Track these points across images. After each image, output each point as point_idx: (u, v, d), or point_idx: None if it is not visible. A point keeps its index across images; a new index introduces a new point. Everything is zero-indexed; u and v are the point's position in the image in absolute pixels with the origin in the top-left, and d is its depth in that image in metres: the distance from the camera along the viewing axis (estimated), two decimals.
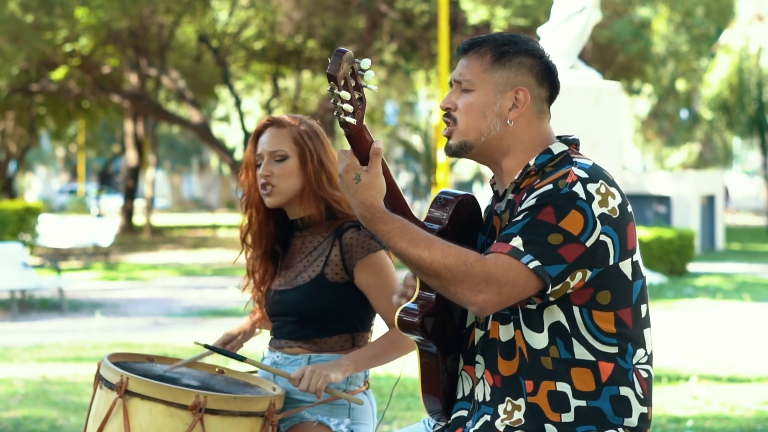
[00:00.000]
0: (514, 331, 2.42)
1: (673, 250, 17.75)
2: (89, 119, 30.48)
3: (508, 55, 2.47)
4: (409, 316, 2.49)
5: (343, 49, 2.38)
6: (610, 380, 2.39)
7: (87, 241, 21.80)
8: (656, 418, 6.63)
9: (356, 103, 2.39)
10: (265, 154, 3.19)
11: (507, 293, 2.32)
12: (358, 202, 2.40)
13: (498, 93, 2.46)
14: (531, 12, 19.79)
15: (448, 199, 2.54)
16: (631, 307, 2.41)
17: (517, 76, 2.46)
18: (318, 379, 2.97)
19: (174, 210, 51.56)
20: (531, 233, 2.32)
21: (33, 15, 19.57)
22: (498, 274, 2.31)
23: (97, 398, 2.95)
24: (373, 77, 2.42)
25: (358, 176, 2.40)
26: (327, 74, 2.35)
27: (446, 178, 16.18)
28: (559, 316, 2.38)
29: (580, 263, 2.33)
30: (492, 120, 2.46)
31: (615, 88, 11.74)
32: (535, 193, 2.37)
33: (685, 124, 36.21)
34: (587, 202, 2.33)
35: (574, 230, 2.32)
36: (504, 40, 2.50)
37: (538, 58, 2.49)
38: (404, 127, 41.24)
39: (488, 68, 2.47)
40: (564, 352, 2.38)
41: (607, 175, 2.40)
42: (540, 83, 2.48)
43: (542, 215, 2.33)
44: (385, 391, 7.05)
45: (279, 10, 23.40)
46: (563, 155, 2.46)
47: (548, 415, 2.39)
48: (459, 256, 2.32)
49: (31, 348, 10.22)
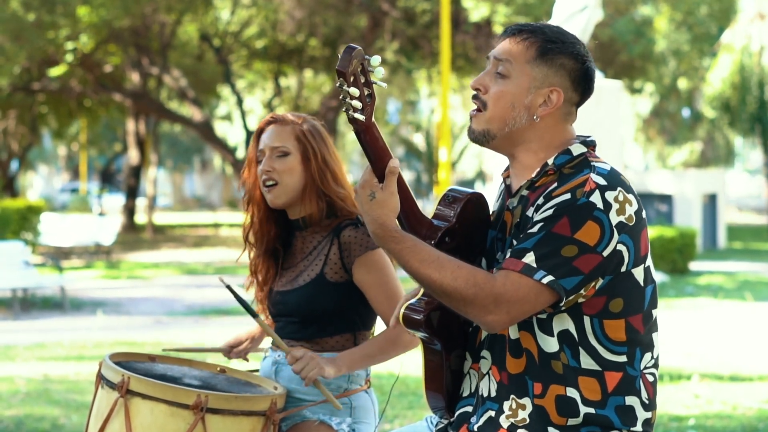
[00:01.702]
0: (519, 331, 2.42)
1: (675, 249, 17.74)
2: (91, 118, 30.48)
3: (552, 53, 2.44)
4: (414, 313, 2.49)
5: (353, 45, 2.37)
6: (616, 390, 2.38)
7: (89, 239, 21.81)
8: (658, 417, 6.63)
9: (365, 100, 2.38)
10: (267, 150, 3.18)
11: (517, 311, 2.32)
12: (371, 219, 2.41)
13: (533, 88, 2.44)
14: (532, 10, 19.76)
15: (457, 196, 2.53)
16: (643, 312, 2.41)
17: (556, 76, 2.44)
18: (313, 368, 2.97)
19: (176, 209, 51.56)
20: (545, 248, 2.31)
21: (34, 14, 19.56)
22: (508, 294, 2.31)
23: (98, 398, 2.95)
24: (383, 74, 2.41)
25: (373, 194, 2.41)
26: (336, 70, 2.34)
27: (448, 176, 16.17)
28: (568, 324, 2.38)
29: (596, 273, 2.32)
30: (519, 112, 2.44)
31: (616, 86, 11.74)
32: (552, 202, 2.35)
33: (687, 122, 36.17)
34: (604, 212, 2.32)
35: (590, 241, 2.31)
36: (553, 36, 2.46)
37: (580, 62, 2.46)
38: (406, 126, 41.26)
39: (531, 60, 2.44)
40: (571, 360, 2.38)
41: (624, 181, 2.39)
42: (575, 87, 2.47)
43: (557, 228, 2.32)
44: (387, 390, 7.05)
45: (281, 8, 23.38)
46: (582, 158, 2.44)
47: (553, 419, 2.39)
48: (468, 278, 2.32)
49: (32, 347, 10.23)
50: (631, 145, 43.10)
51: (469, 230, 2.52)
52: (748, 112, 28.88)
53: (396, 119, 41.20)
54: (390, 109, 40.09)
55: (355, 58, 2.35)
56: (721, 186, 23.89)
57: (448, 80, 16.98)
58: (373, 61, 2.39)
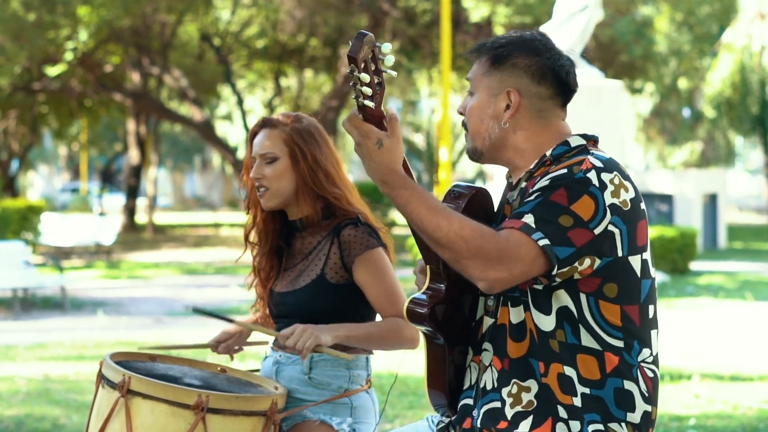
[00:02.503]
0: (524, 312, 2.42)
1: (675, 249, 17.74)
2: (91, 118, 30.49)
3: (501, 58, 2.47)
4: (418, 307, 2.49)
5: (365, 32, 2.35)
6: (615, 372, 2.39)
7: (89, 239, 21.82)
8: (658, 416, 6.62)
9: (375, 87, 2.37)
10: (257, 157, 3.20)
11: (518, 271, 2.32)
12: (380, 167, 2.38)
13: (492, 96, 2.48)
14: (533, 10, 19.76)
15: (462, 192, 2.53)
16: (639, 305, 2.42)
17: (510, 78, 2.47)
18: (308, 338, 2.94)
19: (176, 208, 51.56)
20: (542, 212, 2.33)
21: (35, 13, 19.57)
22: (511, 250, 2.30)
23: (99, 397, 2.95)
24: (393, 62, 2.39)
25: (380, 141, 2.38)
26: (348, 56, 2.31)
27: (449, 176, 16.17)
28: (566, 301, 2.38)
29: (588, 249, 2.33)
30: (489, 123, 2.48)
31: (617, 86, 11.75)
32: (548, 176, 2.38)
33: (688, 122, 36.18)
34: (599, 190, 2.34)
35: (584, 215, 2.32)
36: (500, 42, 2.50)
37: (534, 56, 2.47)
38: (406, 126, 41.24)
39: (486, 72, 2.49)
40: (571, 337, 2.39)
41: (622, 169, 2.41)
42: (537, 81, 2.47)
43: (554, 196, 2.33)
44: (387, 389, 7.04)
45: (281, 8, 23.39)
46: (580, 147, 2.46)
47: (559, 397, 2.39)
48: (475, 229, 2.31)
49: (33, 346, 10.23)
50: (632, 145, 43.11)
51: None
52: (748, 112, 28.88)
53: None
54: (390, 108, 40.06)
55: (366, 44, 2.32)
56: (722, 186, 23.88)
57: (449, 80, 16.98)
58: (384, 49, 2.37)
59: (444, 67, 16.28)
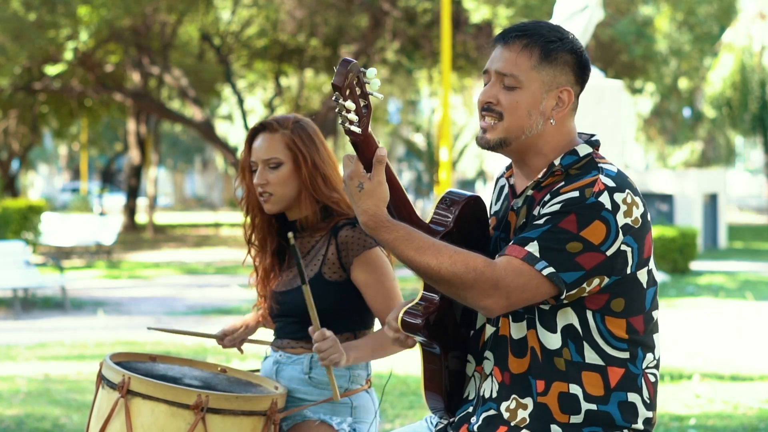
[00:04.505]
0: (527, 330, 2.41)
1: (676, 249, 17.74)
2: (92, 117, 30.48)
3: (554, 53, 2.42)
4: (412, 318, 2.49)
5: (349, 59, 2.36)
6: (619, 386, 2.39)
7: (90, 239, 21.81)
8: (659, 416, 6.63)
9: (361, 112, 2.37)
10: (259, 162, 3.19)
11: (516, 297, 2.32)
12: (361, 211, 2.38)
13: (544, 92, 2.42)
14: (533, 11, 19.76)
15: (455, 200, 2.53)
16: (644, 314, 2.41)
17: (562, 75, 2.43)
18: (336, 353, 2.95)
19: (177, 208, 51.56)
20: (549, 240, 2.31)
21: (35, 13, 19.57)
22: (508, 279, 2.30)
23: (99, 398, 2.95)
24: (379, 85, 2.40)
25: (362, 184, 2.38)
26: (332, 85, 2.33)
27: (449, 176, 16.16)
28: (572, 318, 2.38)
29: (598, 270, 2.32)
30: (536, 119, 2.43)
31: (617, 86, 11.74)
32: (559, 198, 2.35)
33: (688, 122, 36.15)
34: (612, 213, 2.31)
35: (595, 240, 2.31)
36: (552, 36, 2.44)
37: (578, 55, 2.45)
38: (407, 126, 41.24)
39: (536, 65, 2.42)
40: (575, 355, 2.38)
41: (631, 184, 2.39)
42: (578, 81, 2.47)
43: (564, 223, 2.31)
44: (387, 389, 7.05)
45: (281, 8, 23.38)
46: (588, 158, 2.44)
47: (556, 416, 2.39)
48: (467, 263, 2.31)
49: (33, 346, 10.23)
50: (632, 145, 43.08)
51: (467, 233, 2.51)
52: (749, 111, 28.86)
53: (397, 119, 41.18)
54: (390, 109, 40.07)
55: (350, 71, 2.34)
56: (722, 186, 23.88)
57: (449, 80, 16.97)
58: (369, 74, 2.38)
59: (444, 67, 16.28)
